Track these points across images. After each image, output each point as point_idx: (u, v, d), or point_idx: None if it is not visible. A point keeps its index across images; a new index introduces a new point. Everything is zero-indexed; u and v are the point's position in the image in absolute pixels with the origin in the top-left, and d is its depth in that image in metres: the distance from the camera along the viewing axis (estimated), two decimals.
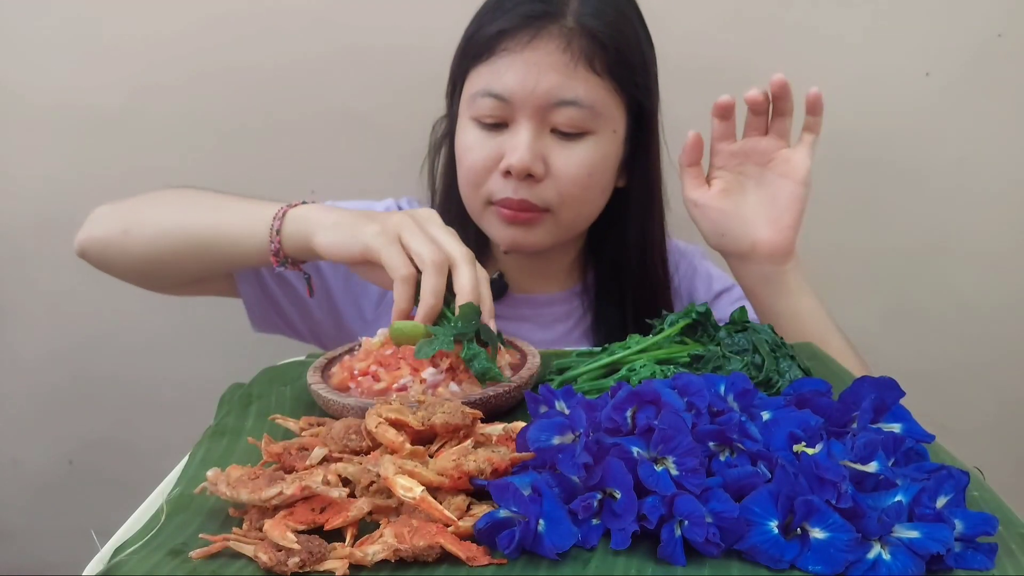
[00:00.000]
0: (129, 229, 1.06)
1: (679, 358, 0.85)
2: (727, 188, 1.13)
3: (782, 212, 1.11)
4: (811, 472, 0.55)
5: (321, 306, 1.20)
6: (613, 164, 1.13)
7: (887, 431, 0.64)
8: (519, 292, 1.25)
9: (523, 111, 1.06)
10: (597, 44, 1.05)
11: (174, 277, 1.11)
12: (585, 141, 1.08)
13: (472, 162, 1.10)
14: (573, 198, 1.09)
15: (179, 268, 1.08)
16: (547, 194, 1.08)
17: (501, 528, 0.55)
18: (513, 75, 1.05)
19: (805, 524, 0.53)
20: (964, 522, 0.55)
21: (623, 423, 0.62)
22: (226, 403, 0.85)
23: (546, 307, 1.25)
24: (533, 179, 1.07)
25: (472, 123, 1.10)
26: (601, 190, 1.13)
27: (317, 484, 0.57)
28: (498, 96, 1.06)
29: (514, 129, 1.07)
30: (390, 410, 0.65)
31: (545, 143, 1.07)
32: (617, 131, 1.11)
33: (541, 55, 1.04)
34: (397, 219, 0.91)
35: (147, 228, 1.06)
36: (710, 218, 1.13)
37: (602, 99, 1.07)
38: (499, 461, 0.60)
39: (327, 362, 0.88)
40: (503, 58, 1.06)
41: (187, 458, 0.73)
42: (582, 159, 1.08)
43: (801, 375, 0.84)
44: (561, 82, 1.04)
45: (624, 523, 0.55)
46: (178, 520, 0.61)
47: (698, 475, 0.56)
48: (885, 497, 0.55)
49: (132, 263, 1.09)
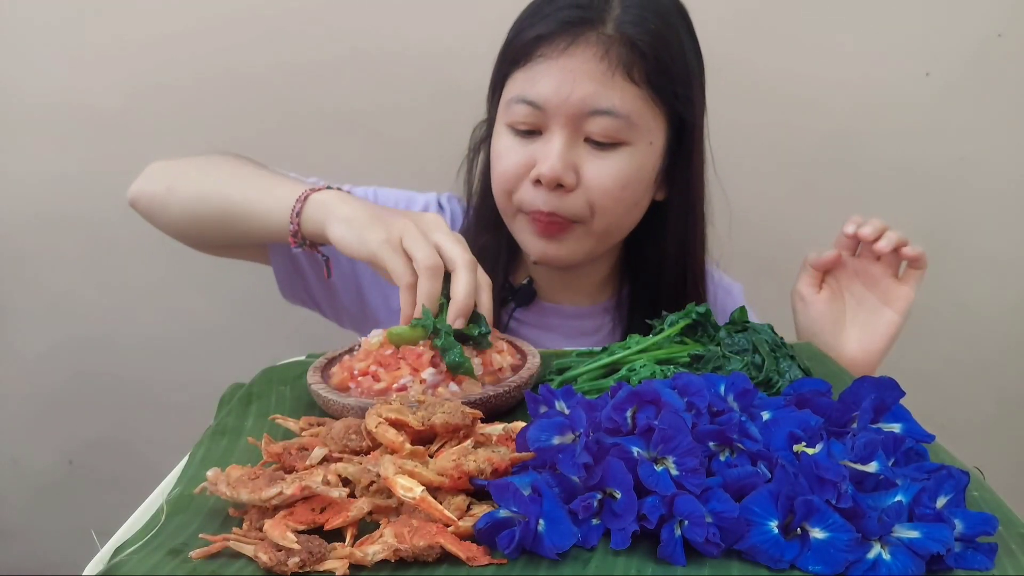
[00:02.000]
0: (173, 187, 1.10)
1: (679, 358, 0.85)
2: (833, 297, 1.16)
3: (875, 337, 1.13)
4: (811, 472, 0.55)
5: (348, 289, 1.20)
6: (649, 176, 1.09)
7: (887, 431, 0.64)
8: (548, 302, 1.23)
9: (557, 119, 1.04)
10: (636, 53, 1.02)
11: (209, 240, 1.15)
12: (619, 152, 1.05)
13: (504, 168, 1.08)
14: (605, 210, 1.07)
15: (213, 233, 1.11)
16: (577, 205, 1.06)
17: (501, 528, 0.55)
18: (548, 82, 1.03)
19: (805, 524, 0.53)
20: (964, 522, 0.55)
21: (623, 423, 0.62)
22: (226, 403, 0.85)
23: (574, 319, 1.23)
24: (564, 189, 1.05)
25: (507, 129, 1.09)
26: (635, 203, 1.10)
27: (317, 484, 0.57)
28: (532, 103, 1.04)
29: (547, 137, 1.05)
30: (390, 410, 0.65)
31: (578, 153, 1.05)
32: (654, 143, 1.08)
33: (578, 62, 1.02)
34: (401, 224, 0.91)
35: (188, 191, 1.10)
36: (810, 316, 1.16)
37: (639, 109, 1.04)
38: (499, 461, 0.60)
39: (327, 362, 0.88)
40: (539, 64, 1.04)
41: (187, 458, 0.73)
42: (616, 170, 1.05)
43: (801, 375, 0.84)
44: (596, 91, 1.02)
45: (624, 523, 0.55)
46: (178, 520, 0.61)
47: (698, 475, 0.56)
48: (885, 497, 0.55)
49: (172, 220, 1.12)
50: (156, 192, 1.12)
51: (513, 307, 1.20)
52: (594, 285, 1.24)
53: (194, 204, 1.09)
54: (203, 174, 1.11)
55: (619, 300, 1.24)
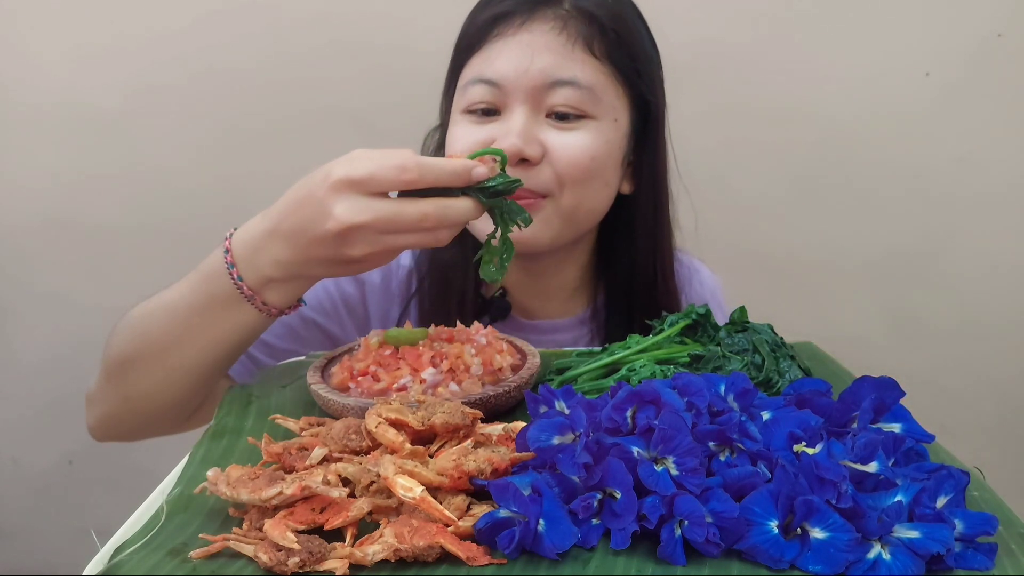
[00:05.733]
0: (127, 393, 0.94)
1: (679, 358, 0.85)
2: None
3: None
4: (811, 472, 0.55)
5: (360, 328, 1.11)
6: (616, 155, 1.04)
7: (887, 431, 0.64)
8: (524, 317, 1.17)
9: (516, 95, 0.99)
10: (596, 27, 1.00)
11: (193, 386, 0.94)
12: (585, 125, 1.00)
13: (461, 152, 0.99)
14: (574, 182, 1.00)
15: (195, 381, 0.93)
16: (544, 178, 1.00)
17: (501, 528, 0.55)
18: (505, 59, 0.99)
19: (805, 524, 0.53)
20: (964, 522, 0.55)
21: (623, 423, 0.62)
22: (226, 403, 0.85)
23: (550, 334, 1.17)
24: (528, 164, 0.98)
25: (462, 116, 1.03)
26: (604, 182, 1.04)
27: (317, 484, 0.57)
28: (488, 81, 0.99)
29: (506, 116, 1.00)
30: (390, 410, 0.65)
31: (541, 128, 1.00)
32: (620, 121, 1.03)
33: (536, 36, 0.99)
34: (320, 232, 0.77)
35: (142, 379, 0.92)
36: None
37: (601, 84, 1.00)
38: (499, 461, 0.60)
39: (327, 362, 0.87)
40: (495, 43, 1.00)
41: (187, 458, 0.73)
42: (582, 142, 1.00)
43: (801, 375, 0.84)
44: (557, 61, 0.98)
45: (624, 523, 0.55)
46: (178, 520, 0.61)
47: (698, 475, 0.56)
48: (885, 497, 0.55)
49: (150, 418, 0.97)
50: (113, 412, 0.97)
51: (487, 321, 1.12)
52: (567, 292, 1.18)
53: (156, 384, 0.92)
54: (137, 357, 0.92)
55: (595, 310, 1.19)
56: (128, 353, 0.92)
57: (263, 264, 0.82)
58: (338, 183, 0.76)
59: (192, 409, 0.98)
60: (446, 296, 1.12)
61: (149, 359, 0.90)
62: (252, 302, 0.85)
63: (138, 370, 0.91)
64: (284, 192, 0.89)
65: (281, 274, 0.83)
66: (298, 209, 0.79)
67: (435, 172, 0.77)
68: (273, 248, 0.81)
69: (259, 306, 0.85)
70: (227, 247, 0.84)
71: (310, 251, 0.79)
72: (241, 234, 0.85)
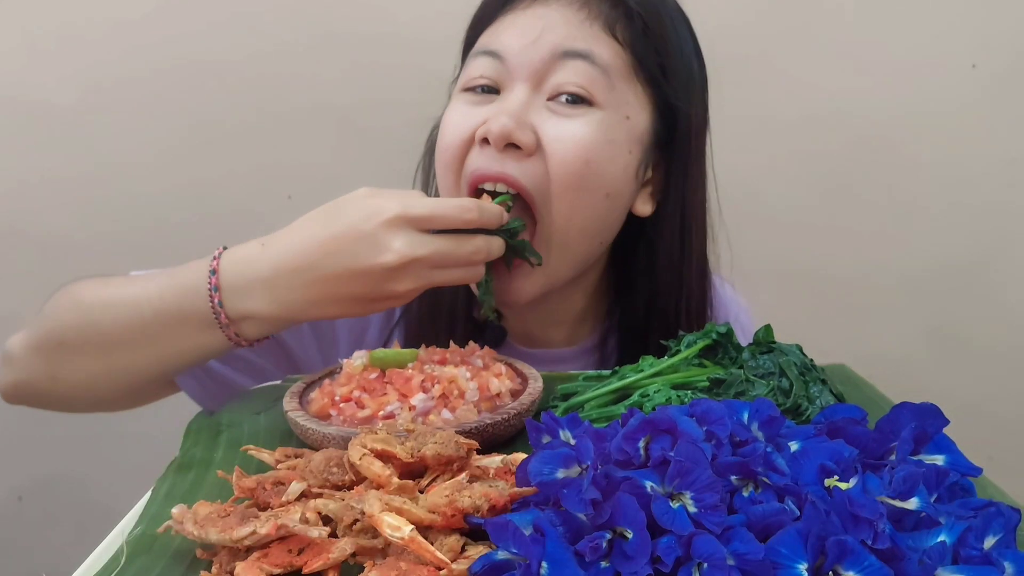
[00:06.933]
0: (56, 374, 0.95)
1: (697, 382, 0.85)
2: None
3: None
4: (844, 509, 0.55)
5: (325, 357, 1.11)
6: (623, 160, 0.99)
7: (929, 463, 0.64)
8: (523, 345, 1.15)
9: (519, 71, 0.97)
10: (622, 10, 0.98)
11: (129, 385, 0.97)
12: (587, 114, 0.96)
13: (450, 139, 1.00)
14: (564, 187, 0.96)
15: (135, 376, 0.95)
16: (534, 172, 0.96)
17: (499, 571, 0.55)
18: (513, 30, 0.98)
19: (838, 567, 0.53)
20: (1015, 565, 0.55)
21: (635, 455, 0.62)
22: (193, 433, 0.85)
23: (551, 364, 1.13)
24: (520, 153, 0.96)
25: (460, 96, 1.02)
26: (604, 192, 0.99)
27: (294, 522, 0.57)
28: (491, 52, 0.99)
29: (504, 95, 0.99)
30: (376, 440, 0.65)
31: (538, 113, 0.97)
32: (632, 119, 0.99)
33: (551, 9, 0.98)
34: (360, 283, 0.85)
35: (78, 359, 0.93)
36: None
37: (619, 69, 0.97)
38: (497, 497, 0.60)
39: (305, 387, 0.88)
40: (507, 16, 1.00)
41: (150, 493, 0.73)
42: (579, 135, 0.95)
43: (833, 401, 0.84)
44: (571, 33, 0.96)
45: (636, 566, 0.55)
46: (140, 563, 0.61)
47: (719, 512, 0.56)
48: (927, 537, 0.55)
49: (73, 395, 0.98)
50: (34, 384, 0.97)
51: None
52: (573, 315, 1.16)
53: (98, 367, 0.93)
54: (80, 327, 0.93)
55: (603, 337, 1.17)
56: (69, 336, 0.93)
57: (257, 299, 0.86)
58: (396, 219, 0.83)
59: (123, 408, 1.03)
60: (434, 318, 1.12)
61: (92, 351, 0.92)
62: (225, 331, 0.88)
63: (76, 357, 0.93)
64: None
65: (280, 313, 0.87)
66: (341, 245, 0.84)
67: (488, 214, 0.88)
68: (289, 284, 0.85)
69: (231, 336, 0.88)
70: (214, 268, 0.87)
71: (346, 287, 0.85)
72: (237, 263, 0.87)
